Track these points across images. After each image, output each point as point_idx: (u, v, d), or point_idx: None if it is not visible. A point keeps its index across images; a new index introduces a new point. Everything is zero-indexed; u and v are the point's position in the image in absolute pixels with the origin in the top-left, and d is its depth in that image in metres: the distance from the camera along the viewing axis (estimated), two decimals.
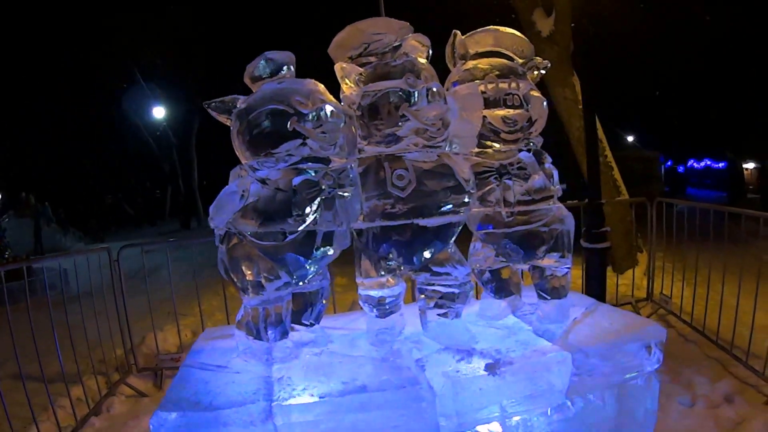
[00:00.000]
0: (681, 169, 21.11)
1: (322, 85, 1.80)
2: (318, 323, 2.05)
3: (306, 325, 2.01)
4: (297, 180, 1.63)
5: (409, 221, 1.73)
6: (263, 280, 1.72)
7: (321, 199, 1.63)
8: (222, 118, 1.72)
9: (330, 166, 1.68)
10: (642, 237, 4.59)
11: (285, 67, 1.78)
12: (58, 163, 17.66)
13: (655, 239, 3.87)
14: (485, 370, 1.62)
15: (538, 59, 2.11)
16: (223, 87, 2.20)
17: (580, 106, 5.55)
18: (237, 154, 1.74)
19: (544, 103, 1.99)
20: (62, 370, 2.62)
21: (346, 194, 1.70)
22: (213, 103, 1.70)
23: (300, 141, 1.61)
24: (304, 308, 1.99)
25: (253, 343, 1.83)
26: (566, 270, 2.08)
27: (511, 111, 1.87)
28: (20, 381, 2.46)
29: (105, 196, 21.76)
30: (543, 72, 2.15)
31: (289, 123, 1.59)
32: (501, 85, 1.89)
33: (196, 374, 1.76)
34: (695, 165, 21.68)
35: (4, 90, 13.43)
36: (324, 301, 2.05)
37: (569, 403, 1.76)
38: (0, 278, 2.52)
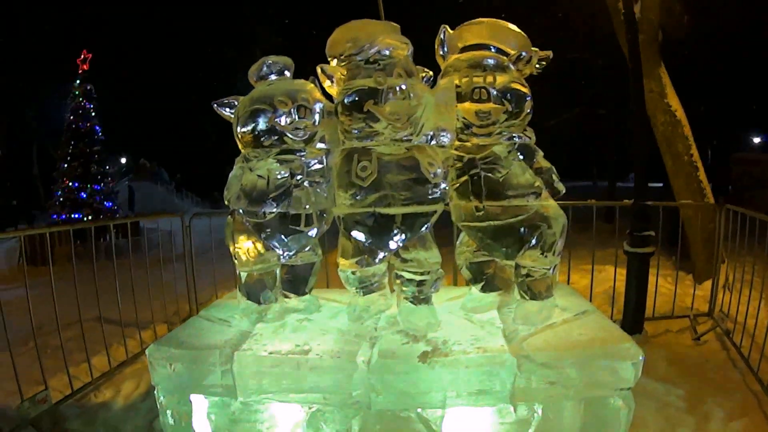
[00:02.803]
0: None
1: (312, 85, 2.03)
2: (308, 293, 2.32)
3: (298, 294, 2.30)
4: (272, 168, 1.90)
5: (371, 209, 1.88)
6: (252, 250, 2.04)
7: (291, 186, 1.89)
8: (224, 116, 2.05)
9: (303, 157, 1.92)
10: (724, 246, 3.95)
11: (280, 71, 2.04)
12: (185, 134, 20.19)
13: (730, 250, 3.34)
14: (417, 357, 1.72)
15: (535, 50, 2.04)
16: None
17: (666, 100, 4.92)
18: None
19: (528, 98, 1.94)
20: (120, 318, 3.31)
21: (315, 182, 1.93)
22: (216, 103, 2.03)
23: (277, 135, 1.88)
24: (297, 280, 2.28)
25: (247, 303, 2.17)
26: (545, 271, 2.01)
27: (482, 105, 1.87)
28: (97, 323, 3.19)
29: (227, 166, 24.81)
30: (543, 63, 2.07)
31: (267, 120, 1.86)
32: (475, 78, 1.89)
33: (199, 323, 2.17)
34: None
35: (139, 64, 15.65)
36: (314, 275, 2.31)
37: (511, 409, 1.75)
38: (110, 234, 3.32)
